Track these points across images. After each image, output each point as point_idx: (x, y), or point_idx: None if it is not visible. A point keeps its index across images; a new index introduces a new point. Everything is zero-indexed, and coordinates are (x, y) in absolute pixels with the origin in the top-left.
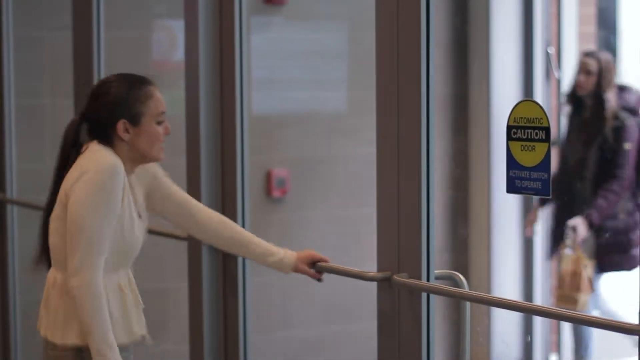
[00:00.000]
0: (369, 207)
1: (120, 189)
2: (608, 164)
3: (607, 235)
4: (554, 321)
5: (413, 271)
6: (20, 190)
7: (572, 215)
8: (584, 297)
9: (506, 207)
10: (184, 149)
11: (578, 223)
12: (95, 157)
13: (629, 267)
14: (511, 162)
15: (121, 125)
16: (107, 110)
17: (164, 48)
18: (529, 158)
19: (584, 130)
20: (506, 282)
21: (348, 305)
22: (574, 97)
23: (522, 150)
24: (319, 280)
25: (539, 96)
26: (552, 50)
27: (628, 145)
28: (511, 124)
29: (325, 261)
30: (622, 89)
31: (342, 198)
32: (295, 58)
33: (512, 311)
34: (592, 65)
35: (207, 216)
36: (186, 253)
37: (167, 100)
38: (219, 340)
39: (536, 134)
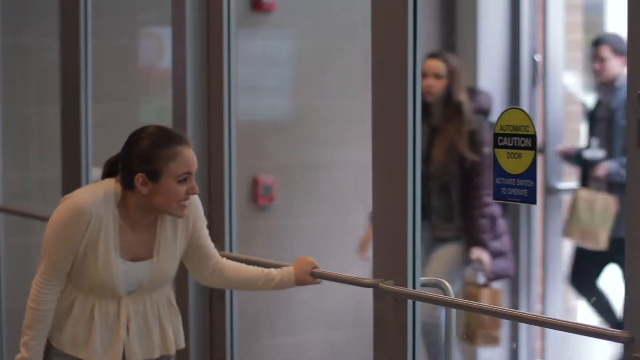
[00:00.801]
0: (355, 214)
1: (81, 228)
2: (469, 172)
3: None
4: (539, 328)
5: (399, 279)
6: (7, 198)
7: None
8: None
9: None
10: None
11: (481, 255)
12: (80, 192)
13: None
14: (498, 170)
15: (139, 178)
16: (130, 160)
17: (152, 55)
18: (516, 165)
19: (438, 137)
20: None
21: (335, 313)
22: (422, 104)
23: (508, 158)
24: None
25: (525, 104)
26: (538, 58)
27: (486, 150)
28: (498, 131)
29: (316, 267)
30: (472, 91)
31: (328, 205)
32: (283, 65)
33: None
34: (441, 68)
35: (209, 272)
36: None
37: (154, 107)
38: (204, 347)
39: (522, 142)
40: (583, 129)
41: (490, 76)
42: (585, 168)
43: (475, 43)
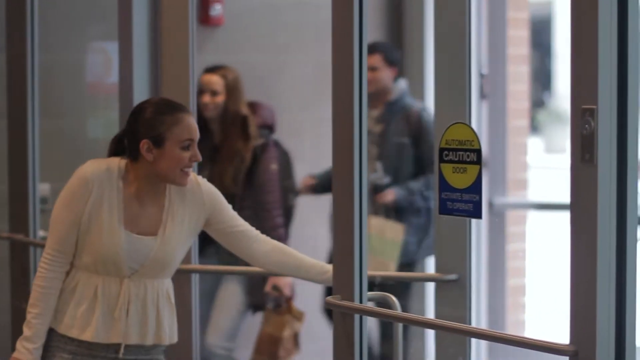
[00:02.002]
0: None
1: (83, 196)
2: (257, 190)
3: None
4: (489, 342)
5: (346, 293)
6: None
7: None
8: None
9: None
10: None
11: (277, 281)
12: (83, 165)
13: None
14: (443, 184)
15: (144, 144)
16: (135, 129)
17: (99, 70)
18: (461, 180)
19: (221, 156)
20: None
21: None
22: (200, 121)
23: (453, 173)
24: None
25: (473, 118)
26: (485, 72)
27: (274, 166)
28: (443, 146)
29: None
30: (254, 105)
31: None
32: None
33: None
34: (217, 83)
35: (261, 249)
36: None
37: (101, 122)
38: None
39: (468, 156)
40: (531, 142)
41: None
42: (372, 194)
43: (422, 57)
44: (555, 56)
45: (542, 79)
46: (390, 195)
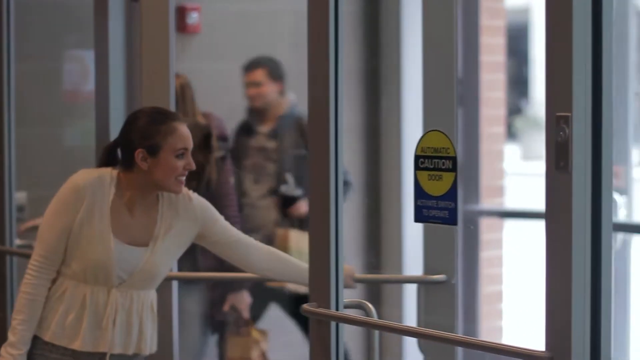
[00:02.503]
0: None
1: (76, 204)
2: (217, 204)
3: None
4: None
5: (323, 300)
6: None
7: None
8: None
9: (419, 236)
10: None
11: (235, 301)
12: (75, 174)
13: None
14: (419, 192)
15: (139, 153)
16: (129, 138)
17: (76, 79)
18: (436, 187)
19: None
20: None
21: None
22: None
23: (429, 180)
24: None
25: (448, 126)
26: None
27: (232, 179)
28: (419, 153)
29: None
30: (207, 116)
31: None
32: (210, 87)
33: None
34: None
35: (258, 256)
36: None
37: (78, 130)
38: None
39: (443, 164)
40: (508, 149)
41: (414, 99)
42: (285, 207)
43: (399, 65)
44: (532, 63)
45: (519, 86)
46: (304, 207)
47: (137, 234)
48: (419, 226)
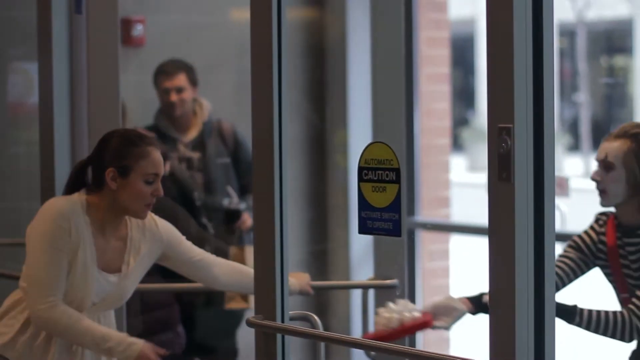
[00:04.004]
0: None
1: (66, 230)
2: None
3: None
4: None
5: (268, 313)
6: None
7: None
8: None
9: (366, 248)
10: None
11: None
12: (50, 204)
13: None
14: (363, 203)
15: (110, 172)
16: (101, 157)
17: (20, 91)
18: (380, 199)
19: None
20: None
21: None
22: None
23: (373, 191)
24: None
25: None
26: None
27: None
28: (362, 165)
29: None
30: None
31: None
32: (154, 100)
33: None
34: None
35: (222, 272)
36: None
37: (23, 142)
38: None
39: (387, 175)
40: (454, 161)
41: (360, 109)
42: (229, 222)
43: (345, 77)
44: (478, 74)
45: (465, 97)
46: (249, 220)
47: (109, 260)
48: (367, 237)
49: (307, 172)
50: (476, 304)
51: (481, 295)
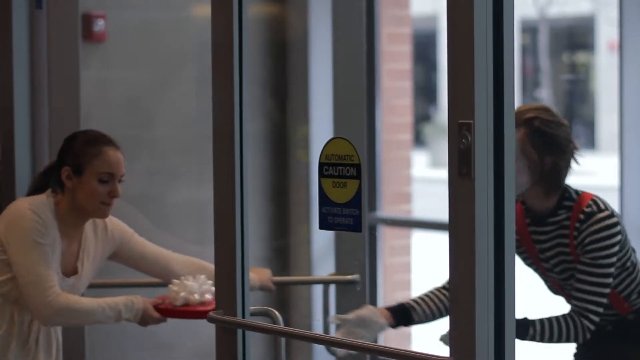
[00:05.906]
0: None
1: (42, 225)
2: None
3: None
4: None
5: (229, 308)
6: None
7: None
8: None
9: (327, 244)
10: None
11: None
12: (17, 202)
13: None
14: (323, 199)
15: (65, 171)
16: (61, 156)
17: None
18: (341, 195)
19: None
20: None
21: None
22: None
23: (334, 187)
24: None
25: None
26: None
27: None
28: (323, 161)
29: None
30: None
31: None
32: (116, 97)
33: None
34: None
35: (179, 266)
36: None
37: None
38: None
39: (347, 171)
40: (416, 157)
41: (322, 105)
42: None
43: (307, 73)
44: (440, 70)
45: (427, 93)
46: None
47: (68, 262)
48: (329, 233)
49: (268, 167)
50: (397, 317)
51: (401, 305)
